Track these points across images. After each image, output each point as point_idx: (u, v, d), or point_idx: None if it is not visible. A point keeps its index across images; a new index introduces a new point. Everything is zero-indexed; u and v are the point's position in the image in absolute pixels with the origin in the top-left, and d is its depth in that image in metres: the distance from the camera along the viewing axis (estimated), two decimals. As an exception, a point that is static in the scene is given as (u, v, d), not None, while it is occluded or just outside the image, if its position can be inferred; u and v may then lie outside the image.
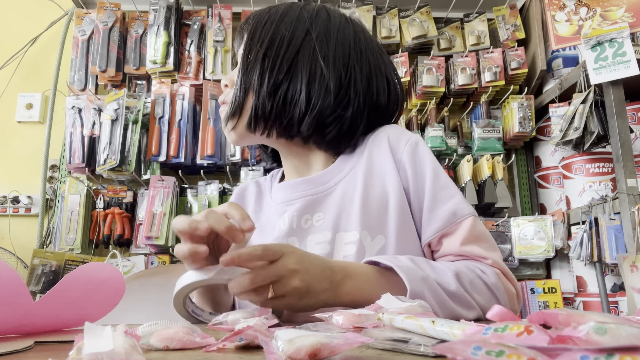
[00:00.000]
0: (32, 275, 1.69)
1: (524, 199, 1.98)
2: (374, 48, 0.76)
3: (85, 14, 1.93)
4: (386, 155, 0.69)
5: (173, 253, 1.72)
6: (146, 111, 1.81)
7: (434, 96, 1.87)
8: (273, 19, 0.72)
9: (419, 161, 0.67)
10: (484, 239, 0.64)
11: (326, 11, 0.75)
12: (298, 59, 0.69)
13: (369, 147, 0.72)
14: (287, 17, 0.72)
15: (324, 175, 0.72)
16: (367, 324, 0.39)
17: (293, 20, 0.72)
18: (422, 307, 0.42)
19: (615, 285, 1.62)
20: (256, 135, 0.72)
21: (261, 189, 0.81)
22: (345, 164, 0.72)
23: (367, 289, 0.55)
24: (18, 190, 1.94)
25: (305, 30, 0.71)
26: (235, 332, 0.34)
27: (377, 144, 0.71)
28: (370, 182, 0.68)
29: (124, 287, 0.48)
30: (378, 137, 0.72)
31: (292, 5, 0.74)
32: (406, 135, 0.70)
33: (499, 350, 0.20)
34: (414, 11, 1.93)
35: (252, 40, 0.71)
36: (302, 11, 0.73)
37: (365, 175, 0.69)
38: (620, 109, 1.52)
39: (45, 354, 0.34)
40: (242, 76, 0.70)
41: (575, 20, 1.72)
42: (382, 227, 0.65)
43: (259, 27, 0.72)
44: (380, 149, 0.70)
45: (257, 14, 0.74)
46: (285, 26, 0.71)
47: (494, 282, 0.60)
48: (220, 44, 1.88)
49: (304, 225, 0.69)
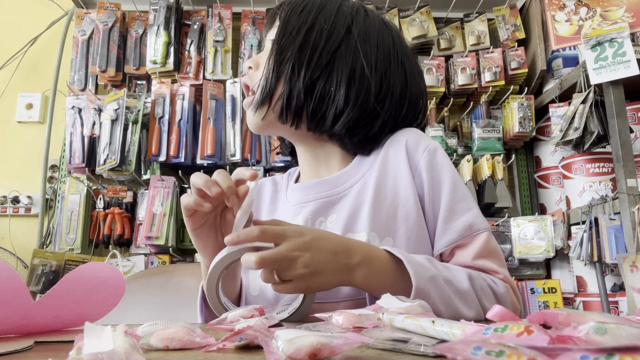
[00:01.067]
0: (32, 275, 1.69)
1: (524, 199, 1.98)
2: (410, 54, 0.75)
3: (85, 14, 1.93)
4: (402, 159, 0.68)
5: (172, 253, 1.73)
6: (146, 111, 1.81)
7: (434, 96, 1.87)
8: (311, 8, 0.70)
9: (437, 169, 0.66)
10: (497, 256, 0.64)
11: (364, 10, 0.73)
12: (337, 55, 0.68)
13: (385, 149, 0.71)
14: (326, 9, 0.70)
15: (339, 177, 0.71)
16: (367, 324, 0.39)
17: (333, 13, 0.69)
18: (422, 307, 0.42)
19: (615, 285, 1.62)
20: (284, 127, 0.71)
21: (277, 187, 0.81)
22: (361, 165, 0.72)
23: (381, 277, 0.55)
24: (18, 190, 1.94)
25: (347, 26, 0.69)
26: (235, 332, 0.34)
27: (394, 147, 0.70)
28: (383, 184, 0.68)
29: (123, 287, 0.48)
30: (396, 139, 0.71)
31: None
32: (425, 141, 0.69)
33: (499, 350, 0.20)
34: (414, 11, 1.93)
35: (287, 26, 0.69)
36: (341, 6, 0.71)
37: (378, 177, 0.68)
38: (620, 109, 1.52)
39: (45, 354, 0.34)
40: (275, 63, 0.68)
41: (575, 20, 1.72)
42: (390, 229, 0.65)
43: (294, 14, 0.69)
44: (398, 152, 0.69)
45: (292, 0, 0.72)
46: (325, 18, 0.69)
47: (503, 292, 0.61)
48: (220, 44, 1.88)
49: (318, 227, 0.69)
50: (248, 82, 0.72)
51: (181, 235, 1.79)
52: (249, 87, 0.72)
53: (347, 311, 0.42)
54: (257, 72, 0.71)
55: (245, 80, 0.73)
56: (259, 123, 0.71)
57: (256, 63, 0.72)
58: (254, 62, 0.72)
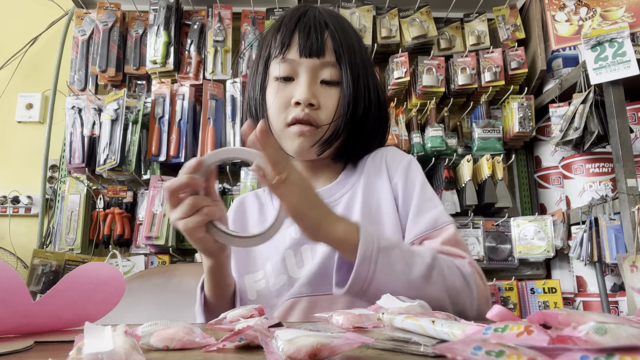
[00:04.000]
0: (32, 275, 1.69)
1: (524, 199, 1.98)
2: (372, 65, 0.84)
3: (85, 14, 1.93)
4: (382, 172, 0.76)
5: (172, 253, 1.73)
6: (146, 111, 1.81)
7: (434, 96, 1.87)
8: (351, 43, 0.75)
9: (411, 175, 0.75)
10: (463, 246, 0.69)
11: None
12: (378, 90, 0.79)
13: (368, 165, 0.78)
14: (356, 33, 0.78)
15: (330, 189, 0.77)
16: (367, 324, 0.39)
17: (360, 38, 0.79)
18: (422, 307, 0.42)
19: (615, 285, 1.62)
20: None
21: (261, 200, 0.84)
22: (349, 179, 0.78)
23: (354, 236, 0.57)
24: (18, 190, 1.94)
25: (365, 48, 0.79)
26: (235, 332, 0.34)
27: (376, 162, 0.78)
28: (368, 195, 0.75)
29: (123, 287, 0.48)
30: (377, 155, 0.79)
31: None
32: (400, 155, 0.79)
33: (499, 350, 0.20)
34: (414, 11, 1.93)
35: (352, 68, 0.74)
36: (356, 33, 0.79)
37: (364, 189, 0.75)
38: (620, 109, 1.52)
39: (45, 354, 0.34)
40: (346, 114, 0.73)
41: (575, 20, 1.72)
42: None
43: (347, 50, 0.74)
44: (379, 167, 0.77)
45: (333, 20, 0.76)
46: (363, 53, 0.78)
47: (469, 272, 0.63)
48: (220, 44, 1.88)
49: None
50: (313, 119, 0.72)
51: (181, 235, 1.78)
52: (311, 123, 0.72)
53: (347, 311, 0.42)
54: (320, 112, 0.73)
55: (309, 116, 0.72)
56: (307, 155, 0.75)
57: (318, 103, 0.72)
58: (316, 101, 0.72)
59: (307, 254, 0.72)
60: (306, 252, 0.72)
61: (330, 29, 0.73)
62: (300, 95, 0.71)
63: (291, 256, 0.73)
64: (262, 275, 0.74)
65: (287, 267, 0.72)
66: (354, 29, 0.78)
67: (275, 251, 0.74)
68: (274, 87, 0.74)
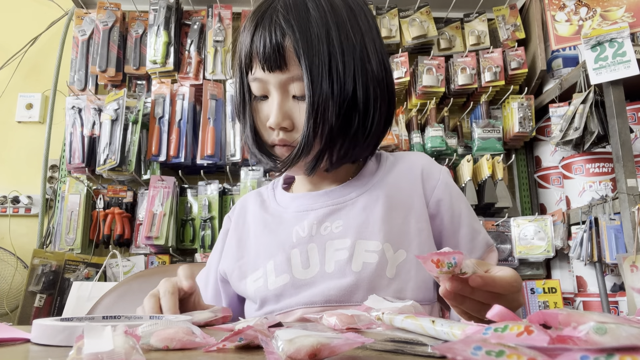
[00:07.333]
0: (32, 275, 1.69)
1: (524, 199, 1.98)
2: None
3: (85, 14, 1.93)
4: (417, 179, 0.73)
5: (172, 253, 1.73)
6: (146, 111, 1.81)
7: (434, 96, 1.87)
8: (329, 42, 0.63)
9: (455, 192, 0.74)
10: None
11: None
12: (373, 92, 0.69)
13: (396, 166, 0.75)
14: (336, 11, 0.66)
15: (344, 187, 0.73)
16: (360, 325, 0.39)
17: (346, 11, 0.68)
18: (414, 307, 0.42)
19: (615, 285, 1.62)
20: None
21: (263, 197, 0.81)
22: (367, 179, 0.74)
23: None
24: (18, 190, 1.94)
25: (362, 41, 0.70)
26: (235, 332, 0.34)
27: (407, 166, 0.75)
28: (395, 199, 0.71)
29: None
30: (408, 160, 0.76)
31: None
32: (437, 167, 0.76)
33: (499, 350, 0.20)
34: (414, 11, 1.93)
35: (313, 79, 0.62)
36: (355, 18, 0.71)
37: (389, 191, 0.71)
38: (620, 109, 1.52)
39: (46, 354, 0.34)
40: (314, 127, 0.63)
41: (575, 20, 1.72)
42: (404, 242, 0.68)
43: (315, 56, 0.62)
44: (412, 172, 0.74)
45: (298, 27, 0.62)
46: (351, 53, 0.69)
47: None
48: (220, 44, 1.88)
49: (323, 232, 0.69)
50: (288, 142, 0.67)
51: (181, 235, 1.79)
52: (288, 144, 0.67)
53: (338, 312, 0.42)
54: (294, 133, 0.66)
55: (284, 140, 0.67)
56: (301, 173, 0.71)
57: (291, 124, 0.66)
58: (289, 122, 0.66)
59: (314, 254, 0.68)
60: (313, 251, 0.68)
61: (290, 32, 0.61)
62: (271, 120, 0.65)
63: (297, 255, 0.68)
64: (261, 273, 0.69)
65: (292, 267, 0.67)
66: (331, 5, 0.64)
67: (280, 249, 0.69)
68: (254, 105, 0.68)
